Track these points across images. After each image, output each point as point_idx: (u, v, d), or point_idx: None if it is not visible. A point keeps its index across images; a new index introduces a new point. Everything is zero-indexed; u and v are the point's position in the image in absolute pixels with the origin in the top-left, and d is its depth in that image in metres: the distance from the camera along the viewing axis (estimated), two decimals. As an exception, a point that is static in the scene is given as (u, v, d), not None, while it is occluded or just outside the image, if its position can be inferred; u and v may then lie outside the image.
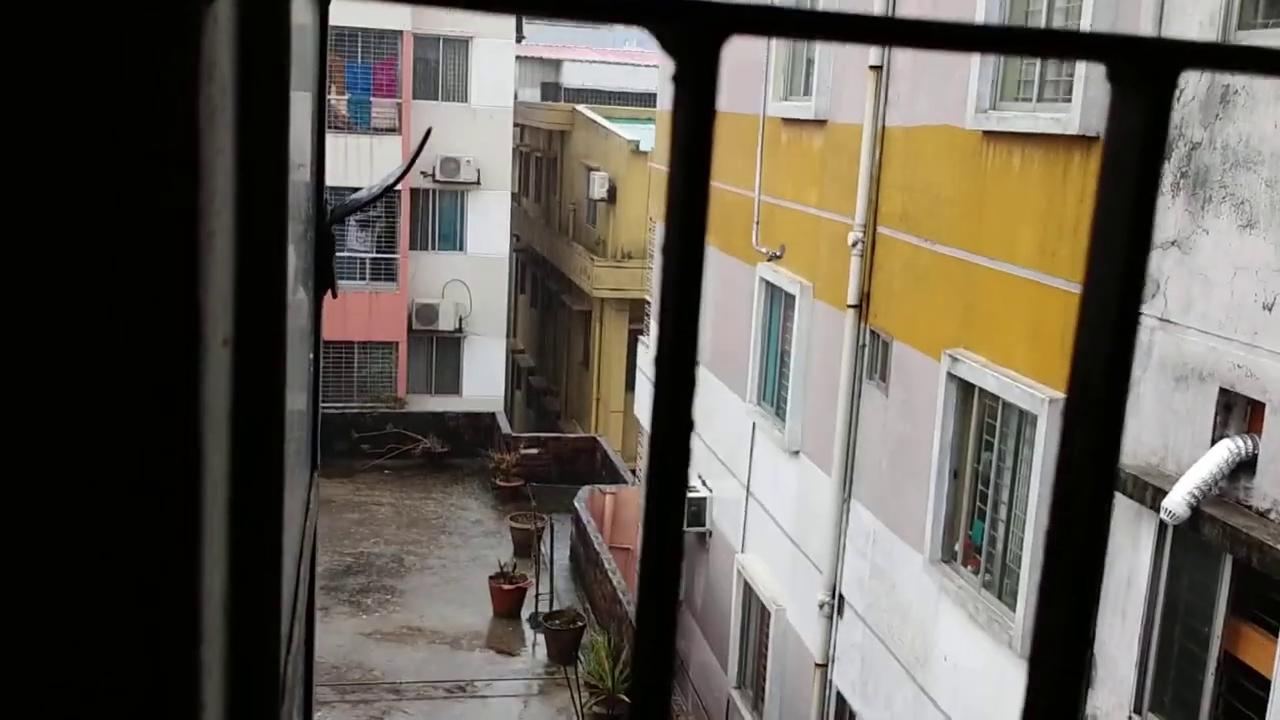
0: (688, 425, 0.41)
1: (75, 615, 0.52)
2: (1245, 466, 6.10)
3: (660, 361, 0.39)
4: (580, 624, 16.97)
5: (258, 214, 0.69)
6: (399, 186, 25.61)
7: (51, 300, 0.48)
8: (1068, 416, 0.45)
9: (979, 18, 8.67)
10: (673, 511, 0.41)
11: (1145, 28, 6.89)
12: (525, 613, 17.96)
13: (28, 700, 0.52)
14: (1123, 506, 6.99)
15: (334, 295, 1.95)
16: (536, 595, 17.84)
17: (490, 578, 18.15)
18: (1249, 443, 6.08)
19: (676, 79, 0.38)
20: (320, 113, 1.84)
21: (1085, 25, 7.45)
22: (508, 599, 17.88)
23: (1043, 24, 8.21)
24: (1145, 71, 0.39)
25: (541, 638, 17.12)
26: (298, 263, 1.45)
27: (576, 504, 19.70)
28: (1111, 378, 0.41)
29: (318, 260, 1.78)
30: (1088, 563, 0.44)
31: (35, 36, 0.44)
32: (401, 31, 25.60)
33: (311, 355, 1.80)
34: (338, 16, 27.20)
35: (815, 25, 0.37)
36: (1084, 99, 7.45)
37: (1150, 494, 6.55)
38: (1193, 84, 6.56)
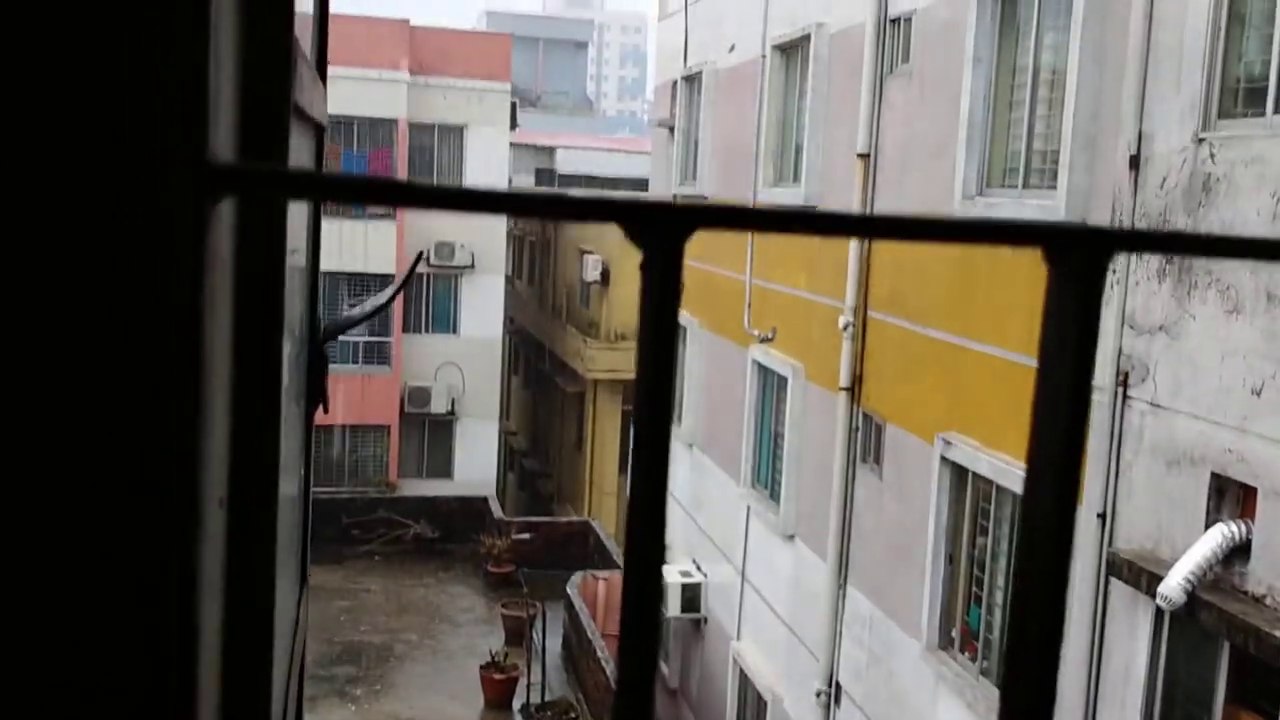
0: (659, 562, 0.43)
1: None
2: (1240, 551, 6.09)
3: (630, 550, 0.41)
4: (573, 715, 16.70)
5: (252, 379, 0.72)
6: (393, 272, 25.78)
7: (53, 469, 0.50)
8: (1017, 583, 0.47)
9: (963, 114, 8.85)
10: (650, 604, 0.43)
11: (1127, 120, 7.04)
12: (517, 703, 17.67)
13: None
14: (1118, 593, 6.96)
15: (325, 411, 1.97)
16: (528, 685, 17.58)
17: (481, 667, 17.90)
18: (1243, 527, 6.08)
19: (643, 267, 0.41)
20: (315, 234, 1.88)
21: (1068, 118, 7.60)
22: (499, 689, 17.61)
23: (1025, 120, 8.37)
24: (1078, 256, 0.42)
25: (534, 728, 16.84)
26: (292, 382, 1.47)
27: (569, 590, 19.51)
28: (1055, 553, 0.43)
29: (310, 379, 1.81)
30: (1051, 622, 0.46)
31: (49, 231, 0.47)
32: (397, 120, 25.98)
33: (303, 472, 1.82)
34: (334, 105, 27.52)
35: (768, 220, 0.40)
36: (1069, 186, 7.57)
37: (1145, 580, 6.52)
38: (1174, 171, 6.68)
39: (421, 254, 3.50)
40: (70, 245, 0.48)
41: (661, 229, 0.39)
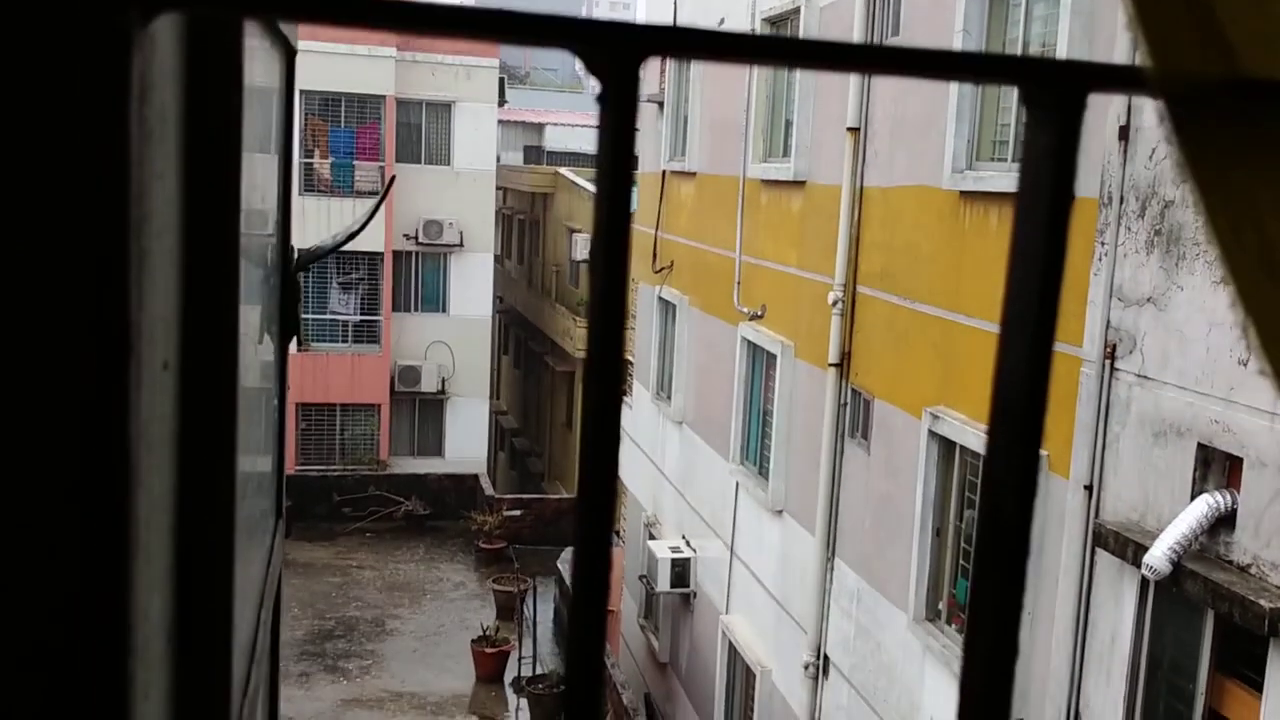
0: (612, 488, 0.42)
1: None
2: (1225, 521, 6.11)
3: (587, 388, 0.39)
4: (564, 688, 16.77)
5: (206, 241, 0.69)
6: (382, 250, 25.71)
7: None
8: (990, 440, 0.45)
9: (952, 88, 8.81)
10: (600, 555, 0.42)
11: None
12: (509, 677, 17.74)
13: None
14: (1105, 563, 6.99)
15: (300, 345, 1.95)
16: (520, 659, 17.64)
17: (473, 641, 17.96)
18: (1228, 497, 6.10)
19: (600, 98, 0.39)
20: (286, 164, 1.86)
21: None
22: (491, 663, 17.67)
23: (1014, 93, 8.34)
24: (1056, 93, 0.41)
25: (525, 702, 16.90)
26: (263, 308, 1.45)
27: (560, 565, 19.57)
28: (1030, 399, 0.42)
29: (283, 307, 1.79)
30: (1013, 577, 0.45)
31: None
32: (384, 96, 25.84)
33: (277, 401, 1.80)
34: (321, 82, 27.20)
35: (729, 46, 0.38)
36: (1057, 159, 7.55)
37: (1132, 550, 6.55)
38: (1164, 142, 6.67)
39: (394, 178, 3.48)
40: None
41: (619, 49, 0.37)
